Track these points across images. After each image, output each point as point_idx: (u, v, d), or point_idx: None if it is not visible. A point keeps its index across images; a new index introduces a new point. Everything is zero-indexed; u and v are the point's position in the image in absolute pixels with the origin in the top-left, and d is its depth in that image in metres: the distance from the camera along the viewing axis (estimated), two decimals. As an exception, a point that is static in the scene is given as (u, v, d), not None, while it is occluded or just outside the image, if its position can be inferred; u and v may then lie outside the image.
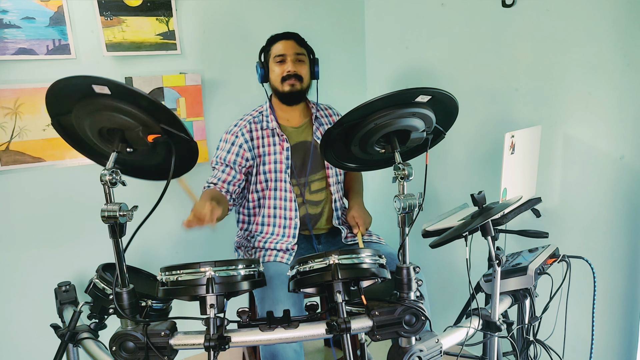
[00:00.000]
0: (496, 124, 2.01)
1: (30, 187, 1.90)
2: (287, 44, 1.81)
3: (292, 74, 1.78)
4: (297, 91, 1.81)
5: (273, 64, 1.81)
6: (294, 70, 1.79)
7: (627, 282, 1.70)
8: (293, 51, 1.80)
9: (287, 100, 1.84)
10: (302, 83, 1.81)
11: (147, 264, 1.53)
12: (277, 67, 1.80)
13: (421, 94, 1.14)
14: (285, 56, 1.79)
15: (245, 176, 1.81)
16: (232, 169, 1.78)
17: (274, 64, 1.81)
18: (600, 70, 1.66)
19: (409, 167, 1.14)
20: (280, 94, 1.83)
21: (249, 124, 1.83)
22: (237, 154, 1.79)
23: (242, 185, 1.81)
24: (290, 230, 1.83)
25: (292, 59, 1.79)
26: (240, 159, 1.79)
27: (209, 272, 1.08)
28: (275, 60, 1.80)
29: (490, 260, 1.38)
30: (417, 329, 1.15)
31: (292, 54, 1.79)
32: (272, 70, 1.82)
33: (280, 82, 1.80)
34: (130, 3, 1.96)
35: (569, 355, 1.81)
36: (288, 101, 1.84)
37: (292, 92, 1.80)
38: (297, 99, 1.85)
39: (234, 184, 1.77)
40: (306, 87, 1.85)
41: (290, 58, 1.79)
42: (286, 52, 1.79)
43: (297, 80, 1.80)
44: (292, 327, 1.14)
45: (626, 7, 1.57)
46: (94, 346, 1.31)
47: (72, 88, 1.06)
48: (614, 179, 1.68)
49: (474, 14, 2.01)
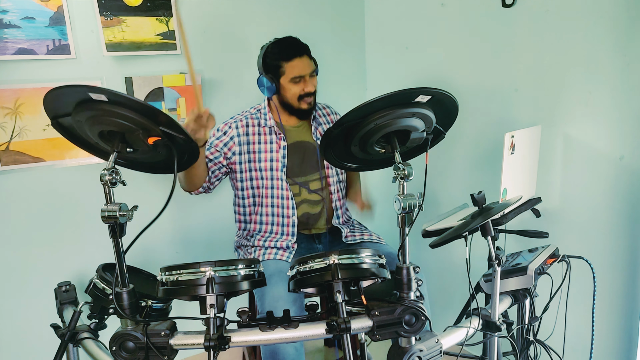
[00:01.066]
0: (496, 124, 2.01)
1: (30, 187, 1.90)
2: (303, 62, 1.75)
3: (312, 93, 1.79)
4: (313, 107, 1.83)
5: (289, 83, 1.75)
6: (314, 90, 1.79)
7: (627, 282, 1.70)
8: (310, 70, 1.77)
9: (302, 115, 1.85)
10: (315, 96, 1.82)
11: (147, 264, 1.53)
12: (294, 86, 1.76)
13: (421, 94, 1.14)
14: (304, 77, 1.76)
15: (226, 165, 1.80)
16: (217, 151, 1.79)
17: (290, 84, 1.76)
18: (600, 70, 1.66)
19: (409, 167, 1.14)
20: (294, 110, 1.82)
21: (245, 119, 1.84)
22: (226, 144, 1.80)
23: (221, 170, 1.80)
24: (288, 229, 1.83)
25: (309, 79, 1.77)
26: (227, 149, 1.79)
27: (209, 272, 1.08)
28: (294, 80, 1.75)
29: (490, 260, 1.38)
30: (417, 329, 1.15)
31: (309, 72, 1.76)
32: (287, 89, 1.77)
33: (297, 100, 1.78)
34: (130, 3, 1.96)
35: (569, 355, 1.81)
36: (302, 116, 1.85)
37: (309, 108, 1.81)
38: (311, 113, 1.87)
39: (214, 163, 1.78)
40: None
41: (308, 78, 1.77)
42: (304, 73, 1.75)
43: (313, 97, 1.81)
44: (292, 327, 1.14)
45: (626, 7, 1.57)
46: (94, 346, 1.31)
47: (69, 96, 1.06)
48: (613, 179, 1.68)
49: (474, 14, 2.01)
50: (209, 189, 1.80)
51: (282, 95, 1.80)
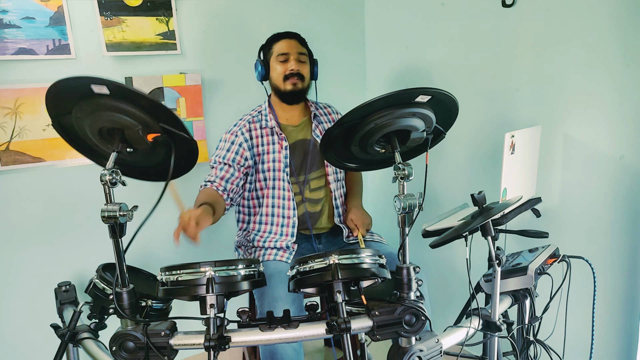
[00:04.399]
0: (496, 124, 2.01)
1: (30, 187, 1.90)
2: (290, 42, 1.81)
3: (295, 72, 1.79)
4: (298, 90, 1.81)
5: (275, 62, 1.81)
6: (297, 69, 1.79)
7: (627, 282, 1.70)
8: (296, 50, 1.80)
9: (288, 99, 1.84)
10: (303, 82, 1.82)
11: (147, 264, 1.53)
12: (279, 65, 1.80)
13: (421, 94, 1.14)
14: (289, 55, 1.79)
15: (244, 175, 1.80)
16: (231, 166, 1.77)
17: (276, 63, 1.80)
18: (600, 70, 1.66)
19: (409, 167, 1.14)
20: (281, 93, 1.83)
21: (248, 124, 1.83)
22: (237, 153, 1.78)
23: (240, 185, 1.79)
24: (288, 229, 1.83)
25: (294, 58, 1.79)
26: (240, 157, 1.78)
27: (209, 272, 1.08)
28: (278, 59, 1.80)
29: (490, 260, 1.38)
30: (417, 329, 1.15)
31: (295, 52, 1.80)
32: (273, 69, 1.82)
33: (283, 80, 1.80)
34: (130, 3, 1.96)
35: (569, 355, 1.81)
36: (289, 100, 1.84)
37: (294, 90, 1.80)
38: (298, 98, 1.85)
39: (232, 182, 1.76)
40: (307, 87, 1.85)
41: (293, 57, 1.79)
42: (289, 51, 1.79)
43: (299, 79, 1.80)
44: (292, 327, 1.14)
45: (626, 7, 1.57)
46: (94, 346, 1.31)
47: (71, 89, 1.06)
48: (614, 179, 1.68)
49: (474, 14, 2.01)
50: (232, 205, 1.80)
51: (271, 79, 1.84)
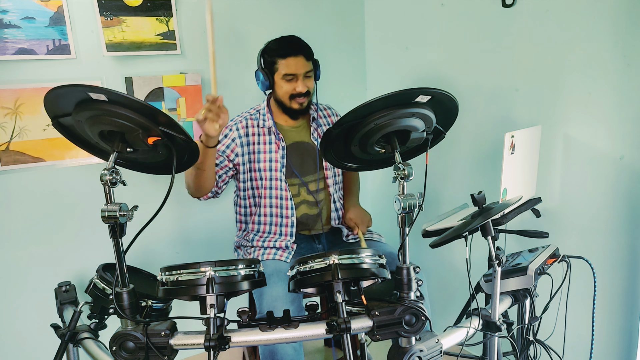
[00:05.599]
0: (496, 124, 2.01)
1: (30, 187, 1.90)
2: (297, 61, 1.72)
3: (303, 93, 1.75)
4: (304, 107, 1.80)
5: (281, 80, 1.74)
6: (304, 90, 1.75)
7: (627, 282, 1.70)
8: (304, 70, 1.73)
9: (293, 115, 1.83)
10: (309, 97, 1.79)
11: (147, 264, 1.53)
12: (285, 84, 1.74)
13: (421, 94, 1.14)
14: (296, 75, 1.73)
15: (229, 170, 1.79)
16: (220, 155, 1.77)
17: (282, 81, 1.74)
18: (600, 71, 1.66)
19: (409, 167, 1.14)
20: (286, 108, 1.81)
21: (245, 120, 1.83)
22: (228, 146, 1.79)
23: (228, 174, 1.79)
24: (287, 229, 1.83)
25: (302, 78, 1.74)
26: (230, 151, 1.78)
27: (209, 272, 1.08)
28: (285, 78, 1.73)
29: (490, 260, 1.38)
30: (417, 329, 1.15)
31: (302, 73, 1.73)
32: (279, 86, 1.75)
33: (289, 99, 1.76)
34: (130, 3, 1.96)
35: (569, 355, 1.81)
36: (294, 116, 1.84)
37: (300, 109, 1.80)
38: (303, 113, 1.85)
39: (221, 167, 1.76)
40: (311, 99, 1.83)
41: (301, 77, 1.74)
42: (297, 72, 1.72)
43: (305, 97, 1.77)
44: (292, 327, 1.14)
45: (626, 7, 1.57)
46: (94, 346, 1.31)
47: (69, 95, 1.06)
48: (613, 179, 1.68)
49: (474, 14, 2.01)
50: (217, 193, 1.78)
51: (275, 92, 1.79)
